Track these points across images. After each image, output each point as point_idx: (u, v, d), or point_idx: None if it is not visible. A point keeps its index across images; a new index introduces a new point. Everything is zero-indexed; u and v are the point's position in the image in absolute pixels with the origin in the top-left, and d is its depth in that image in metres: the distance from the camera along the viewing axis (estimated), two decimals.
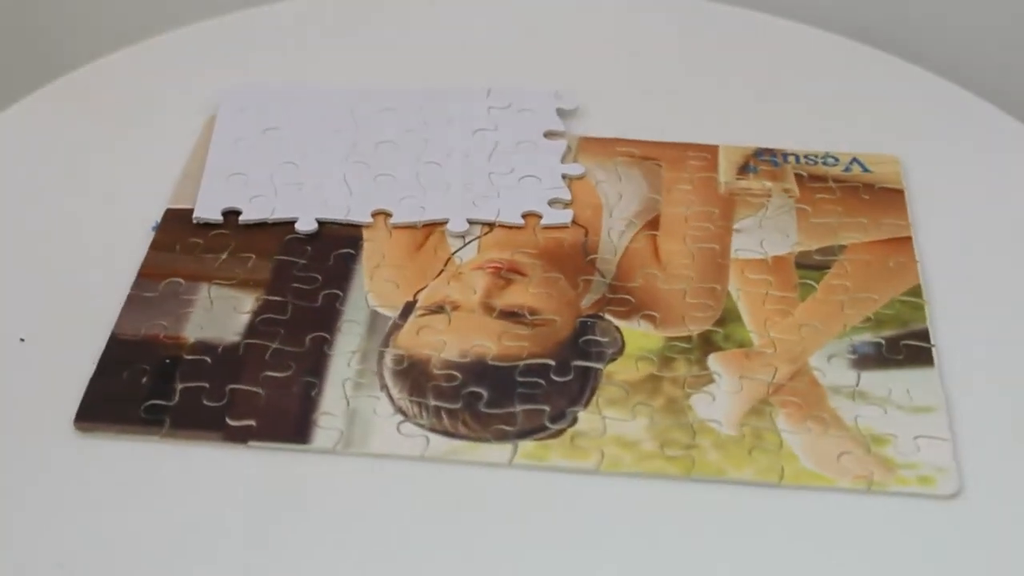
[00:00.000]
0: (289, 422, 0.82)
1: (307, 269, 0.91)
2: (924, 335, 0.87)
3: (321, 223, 0.94)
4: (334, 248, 0.93)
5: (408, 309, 0.89)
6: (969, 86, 1.06)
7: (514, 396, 0.83)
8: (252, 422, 0.82)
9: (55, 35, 1.34)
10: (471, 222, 0.94)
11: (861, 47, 1.10)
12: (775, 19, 1.13)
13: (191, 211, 0.95)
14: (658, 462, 0.80)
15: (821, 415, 0.83)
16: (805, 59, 1.10)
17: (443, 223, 0.94)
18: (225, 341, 0.86)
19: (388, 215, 0.95)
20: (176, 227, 0.94)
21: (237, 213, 0.94)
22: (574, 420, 0.82)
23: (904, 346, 0.87)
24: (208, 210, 0.94)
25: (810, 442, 0.81)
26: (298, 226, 0.93)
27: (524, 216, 0.95)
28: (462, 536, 0.77)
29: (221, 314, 0.88)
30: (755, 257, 0.93)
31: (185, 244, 0.93)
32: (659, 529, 0.78)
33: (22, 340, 0.87)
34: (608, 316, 0.88)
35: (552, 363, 0.85)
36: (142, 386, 0.84)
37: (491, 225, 0.95)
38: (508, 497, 0.79)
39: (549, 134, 1.01)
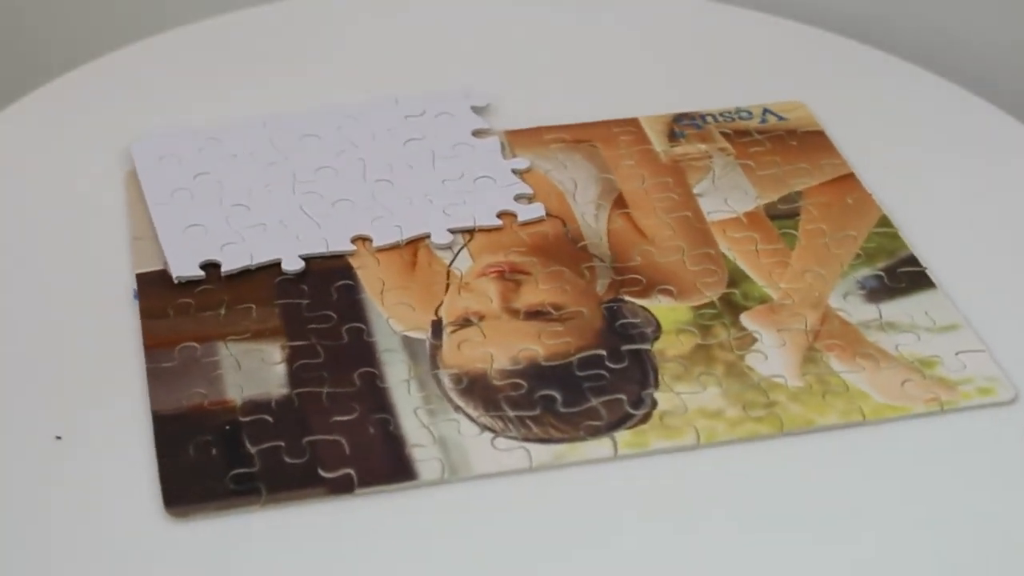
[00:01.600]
0: (385, 462, 0.80)
1: (315, 308, 0.89)
2: (913, 260, 0.93)
3: (304, 259, 0.91)
4: (329, 282, 0.90)
5: (437, 328, 0.88)
6: (845, 32, 1.12)
7: (585, 391, 0.84)
8: (350, 470, 0.79)
9: None
10: (451, 231, 0.94)
11: (727, 8, 1.15)
12: None
13: (162, 273, 0.90)
14: (749, 425, 0.83)
15: (867, 351, 0.87)
16: (683, 26, 1.14)
17: (423, 237, 0.93)
18: (274, 396, 0.83)
19: (367, 239, 0.93)
20: (156, 291, 0.90)
21: (214, 265, 0.91)
22: (654, 402, 0.84)
23: (901, 274, 0.92)
24: (186, 267, 0.90)
25: (869, 378, 0.85)
26: (285, 267, 0.91)
27: (499, 216, 0.95)
28: (597, 534, 0.77)
29: (254, 370, 0.85)
30: (728, 216, 0.96)
31: (176, 306, 0.89)
32: (770, 486, 0.80)
33: (59, 438, 0.81)
34: (628, 298, 0.90)
35: (603, 352, 0.86)
36: (215, 458, 0.80)
37: (471, 231, 0.94)
38: (622, 488, 0.80)
39: (478, 133, 1.01)
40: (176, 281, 0.90)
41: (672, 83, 1.07)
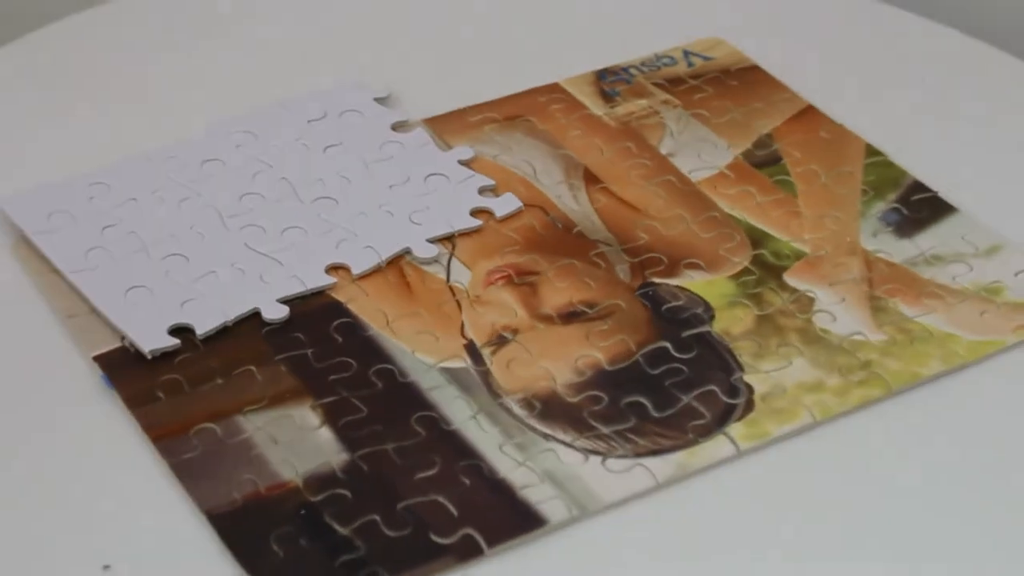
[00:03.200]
0: (503, 513, 0.79)
1: (324, 357, 0.86)
2: (921, 187, 0.97)
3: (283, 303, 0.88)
4: (324, 324, 0.88)
5: (473, 351, 0.86)
6: None
7: (670, 390, 0.84)
8: (468, 530, 0.77)
9: None
10: (430, 242, 0.92)
11: None
12: None
13: (123, 351, 0.86)
14: (857, 391, 0.85)
15: (928, 289, 0.91)
16: None
17: (403, 255, 0.92)
18: (335, 465, 0.80)
19: (342, 268, 0.90)
20: (128, 373, 0.85)
21: (184, 329, 0.86)
22: (748, 387, 0.85)
23: (917, 202, 0.96)
24: (155, 338, 0.85)
25: (946, 317, 0.89)
26: (268, 316, 0.87)
27: (473, 215, 0.94)
28: (763, 536, 0.78)
29: (296, 440, 0.81)
30: (712, 173, 0.98)
31: (162, 386, 0.84)
32: (898, 447, 0.83)
33: (107, 567, 0.76)
34: (657, 280, 0.91)
35: (666, 344, 0.87)
36: (308, 549, 0.77)
37: (451, 238, 0.93)
38: (761, 484, 0.81)
39: (397, 126, 1.00)
40: (149, 356, 0.85)
41: (576, 39, 1.08)
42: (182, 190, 0.94)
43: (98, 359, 0.85)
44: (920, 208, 0.96)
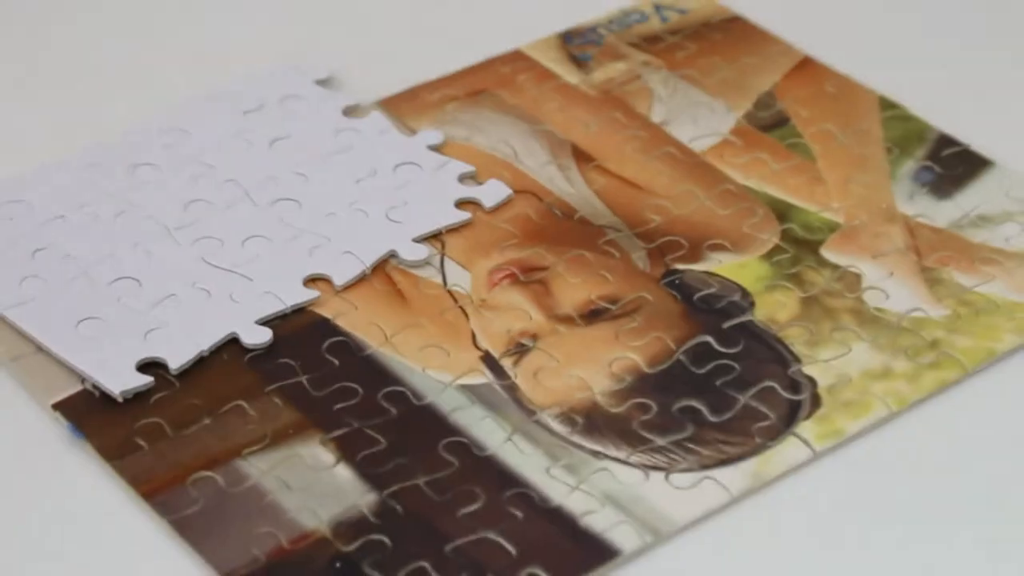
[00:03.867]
0: (567, 545, 0.78)
1: (323, 383, 0.85)
2: (950, 140, 0.99)
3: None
4: (314, 345, 0.87)
5: (493, 363, 0.86)
6: None
7: (723, 390, 0.85)
8: (534, 570, 0.77)
9: None
10: (416, 241, 0.91)
11: None
12: None
13: (85, 394, 0.84)
14: (931, 375, 0.86)
15: (982, 255, 0.92)
16: None
17: (388, 259, 0.91)
18: (364, 508, 0.80)
19: (320, 279, 0.90)
20: (97, 420, 0.83)
21: (155, 364, 0.85)
22: (811, 380, 0.85)
23: (949, 158, 0.98)
24: (123, 378, 0.84)
25: (1008, 284, 0.90)
26: (250, 341, 0.86)
27: (459, 207, 0.94)
28: (855, 543, 0.79)
29: (312, 483, 0.81)
30: (716, 141, 0.99)
31: (141, 431, 0.83)
32: (984, 431, 0.84)
33: None
34: (680, 266, 0.91)
35: (708, 339, 0.87)
36: None
37: (438, 236, 0.92)
38: (850, 486, 0.82)
39: (349, 111, 0.99)
40: (120, 398, 0.83)
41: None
42: (115, 202, 0.93)
43: (59, 407, 0.83)
44: (954, 164, 0.97)
